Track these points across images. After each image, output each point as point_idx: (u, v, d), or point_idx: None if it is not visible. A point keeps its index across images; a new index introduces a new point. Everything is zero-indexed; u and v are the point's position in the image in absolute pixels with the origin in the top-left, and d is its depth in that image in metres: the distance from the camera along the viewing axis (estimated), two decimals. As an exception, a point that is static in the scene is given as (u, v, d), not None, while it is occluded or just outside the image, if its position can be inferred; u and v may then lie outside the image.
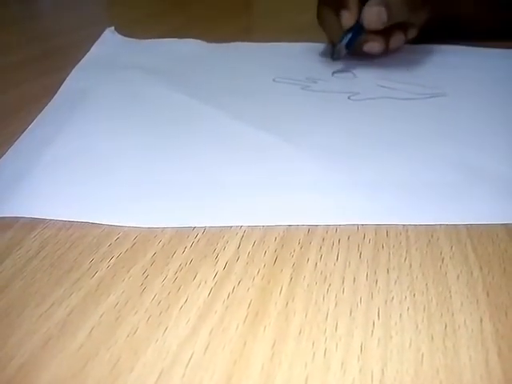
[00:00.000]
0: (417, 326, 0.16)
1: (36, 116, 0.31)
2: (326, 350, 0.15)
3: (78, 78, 0.37)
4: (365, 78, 0.38)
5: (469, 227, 0.21)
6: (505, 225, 0.21)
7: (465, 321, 0.16)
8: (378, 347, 0.15)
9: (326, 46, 0.44)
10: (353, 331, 0.16)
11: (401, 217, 0.21)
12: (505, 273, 0.18)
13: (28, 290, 0.17)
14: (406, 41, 0.41)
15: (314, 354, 0.15)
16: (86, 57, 0.42)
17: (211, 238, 0.20)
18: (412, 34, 0.41)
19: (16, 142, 0.27)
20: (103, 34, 0.48)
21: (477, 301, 0.17)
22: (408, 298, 0.17)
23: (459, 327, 0.16)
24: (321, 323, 0.16)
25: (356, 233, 0.20)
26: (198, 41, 0.47)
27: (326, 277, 0.18)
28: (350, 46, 0.39)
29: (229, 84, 0.37)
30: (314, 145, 0.27)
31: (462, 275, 0.18)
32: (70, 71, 0.38)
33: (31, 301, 0.17)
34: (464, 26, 0.44)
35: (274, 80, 0.37)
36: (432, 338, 0.15)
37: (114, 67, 0.40)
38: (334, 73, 0.39)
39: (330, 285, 0.18)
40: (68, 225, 0.21)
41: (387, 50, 0.39)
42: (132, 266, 0.18)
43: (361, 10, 0.37)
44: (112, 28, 0.49)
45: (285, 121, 0.30)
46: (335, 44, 0.40)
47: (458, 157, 0.26)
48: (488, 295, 0.17)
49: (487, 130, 0.29)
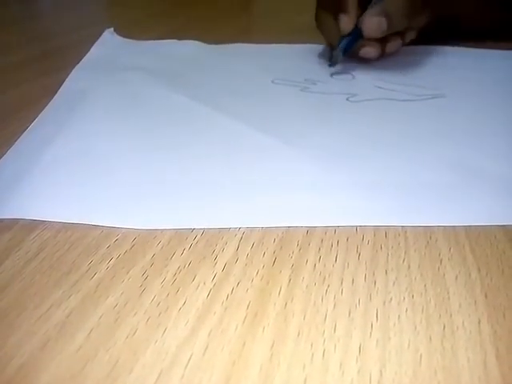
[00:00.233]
0: (415, 327, 0.16)
1: (35, 116, 0.31)
2: (324, 350, 0.15)
3: (77, 79, 0.37)
4: (364, 79, 0.38)
5: (467, 228, 0.21)
6: (503, 226, 0.21)
7: (463, 322, 0.16)
8: (377, 348, 0.15)
9: (324, 48, 0.44)
10: (351, 332, 0.16)
11: (399, 218, 0.21)
12: (503, 274, 0.18)
13: (27, 292, 0.17)
14: (403, 44, 0.41)
15: (312, 355, 0.15)
16: (85, 57, 0.42)
17: (210, 240, 0.20)
18: (410, 37, 0.41)
19: (16, 143, 0.27)
20: (102, 35, 0.48)
21: (475, 302, 0.17)
22: (406, 299, 0.17)
23: (457, 328, 0.16)
24: (319, 324, 0.16)
25: (355, 234, 0.20)
26: (197, 42, 0.47)
27: (324, 278, 0.18)
28: (347, 51, 0.39)
29: (228, 85, 0.37)
30: (312, 146, 0.27)
31: (461, 276, 0.18)
32: (70, 72, 0.38)
33: (30, 302, 0.17)
34: (463, 26, 0.44)
35: (272, 82, 0.37)
36: (430, 339, 0.15)
37: (113, 68, 0.40)
38: (332, 74, 0.39)
39: (328, 286, 0.18)
40: (67, 226, 0.21)
41: (383, 54, 0.39)
42: (131, 268, 0.18)
43: (359, 15, 0.37)
44: (111, 29, 0.49)
45: (284, 122, 0.30)
46: (333, 48, 0.40)
47: (457, 158, 0.26)
48: (486, 296, 0.17)
49: (486, 131, 0.29)
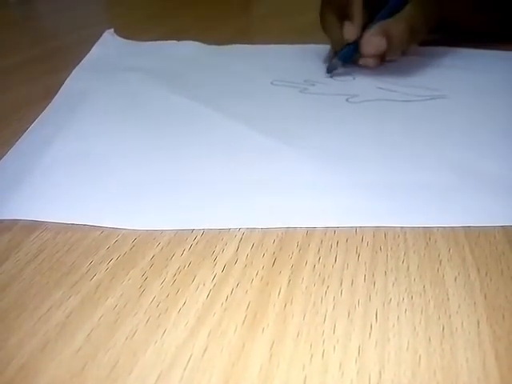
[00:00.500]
0: (414, 328, 0.16)
1: (36, 117, 0.31)
2: (323, 351, 0.15)
3: (77, 80, 0.37)
4: (363, 80, 0.38)
5: (466, 229, 0.21)
6: (502, 227, 0.21)
7: (462, 323, 0.16)
8: (376, 349, 0.15)
9: (324, 49, 0.44)
10: (351, 333, 0.16)
11: (399, 218, 0.21)
12: (502, 275, 0.18)
13: (27, 293, 0.17)
14: (403, 55, 0.42)
15: (311, 356, 0.15)
16: (85, 58, 0.42)
17: (210, 241, 0.20)
18: (410, 49, 0.42)
19: (16, 144, 0.27)
20: (102, 35, 0.48)
21: (474, 303, 0.17)
22: (406, 300, 0.17)
23: (456, 329, 0.16)
24: (319, 325, 0.16)
25: (354, 235, 0.20)
26: (197, 43, 0.47)
27: (324, 279, 0.18)
28: (347, 60, 0.39)
29: (227, 86, 0.37)
30: (312, 147, 0.27)
31: (460, 277, 0.18)
32: (70, 72, 0.38)
33: (30, 303, 0.17)
34: (459, 28, 0.44)
35: (272, 83, 0.37)
36: (429, 340, 0.15)
37: (113, 69, 0.40)
38: (332, 75, 0.39)
39: (328, 287, 0.18)
40: (67, 227, 0.21)
41: (383, 62, 0.40)
42: (131, 269, 0.18)
43: (365, 24, 0.37)
44: (111, 30, 0.49)
45: (283, 123, 0.30)
46: (334, 53, 0.40)
47: (457, 159, 0.26)
48: (485, 297, 0.17)
49: (486, 132, 0.29)
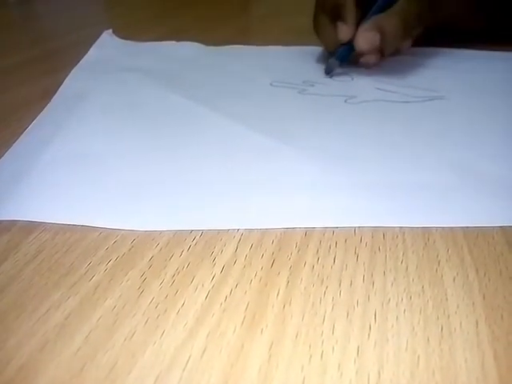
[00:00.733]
0: (413, 328, 0.16)
1: (34, 117, 0.31)
2: (322, 352, 0.15)
3: (76, 80, 0.37)
4: (362, 81, 0.38)
5: (465, 230, 0.21)
6: (501, 227, 0.21)
7: (461, 323, 0.16)
8: (375, 349, 0.15)
9: (318, 52, 0.44)
10: (349, 334, 0.16)
11: (398, 219, 0.21)
12: (501, 275, 0.18)
13: (25, 294, 0.17)
14: (398, 53, 0.42)
15: (310, 357, 0.15)
16: (84, 59, 0.42)
17: (209, 241, 0.20)
18: (405, 45, 0.42)
19: (14, 144, 0.27)
20: (101, 36, 0.48)
21: (473, 303, 0.17)
22: (404, 300, 0.17)
23: (455, 330, 0.16)
24: (318, 326, 0.16)
25: (353, 236, 0.21)
26: (196, 43, 0.47)
27: (322, 279, 0.18)
28: (344, 60, 0.39)
29: (226, 87, 0.37)
30: (311, 147, 0.27)
31: (458, 278, 0.18)
32: (69, 73, 0.38)
33: (29, 304, 0.17)
34: (458, 28, 0.44)
35: (271, 84, 0.37)
36: (428, 340, 0.15)
37: (111, 69, 0.40)
38: (331, 76, 0.39)
39: (326, 287, 0.18)
40: (65, 228, 0.21)
41: (383, 58, 0.40)
42: (129, 270, 0.18)
43: (359, 23, 0.37)
44: (110, 30, 0.49)
45: (282, 124, 0.30)
46: (330, 55, 0.40)
47: (456, 159, 0.26)
48: (484, 298, 0.17)
49: (485, 133, 0.30)
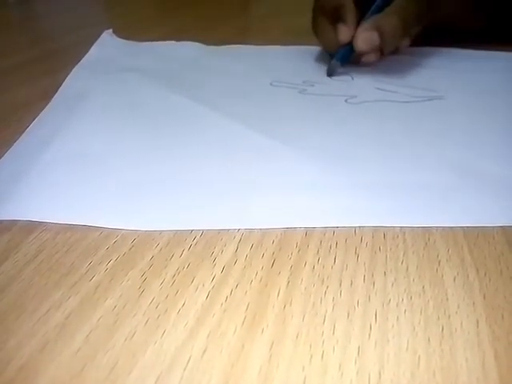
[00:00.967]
0: (414, 329, 0.16)
1: (34, 118, 0.31)
2: (323, 352, 0.15)
3: (76, 80, 0.37)
4: (362, 80, 0.38)
5: (465, 230, 0.21)
6: (501, 227, 0.21)
7: (461, 323, 0.16)
8: (375, 350, 0.15)
9: (318, 52, 0.44)
10: (350, 334, 0.16)
11: (398, 219, 0.21)
12: (501, 275, 0.18)
13: (26, 293, 0.17)
14: (397, 52, 0.42)
15: (311, 357, 0.15)
16: (84, 59, 0.42)
17: (209, 241, 0.20)
18: (404, 44, 0.42)
19: (14, 144, 0.27)
20: (101, 36, 0.48)
21: (473, 303, 0.17)
22: (405, 300, 0.17)
23: (456, 330, 0.16)
24: (318, 326, 0.16)
25: (353, 235, 0.20)
26: (196, 43, 0.47)
27: (323, 280, 0.18)
28: (345, 61, 0.39)
29: (226, 87, 0.37)
30: (311, 147, 0.27)
31: (459, 278, 0.18)
32: (69, 73, 0.38)
33: (29, 304, 0.17)
34: (458, 27, 0.44)
35: (271, 84, 0.37)
36: (429, 340, 0.15)
37: (112, 69, 0.40)
38: (331, 76, 0.39)
39: (327, 287, 0.18)
40: (66, 228, 0.21)
41: (383, 57, 0.40)
42: (130, 269, 0.18)
43: (358, 24, 0.37)
44: (110, 30, 0.49)
45: (282, 123, 0.30)
46: (331, 56, 0.40)
47: (456, 159, 0.26)
48: (484, 298, 0.17)
49: (485, 132, 0.30)
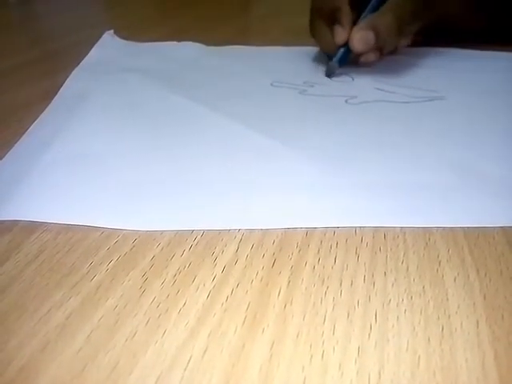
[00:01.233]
0: (414, 329, 0.16)
1: (35, 118, 0.31)
2: (323, 352, 0.15)
3: (77, 81, 0.37)
4: (362, 81, 0.38)
5: (466, 230, 0.21)
6: (502, 228, 0.21)
7: (461, 323, 0.16)
8: (375, 349, 0.15)
9: (318, 53, 0.44)
10: (350, 334, 0.16)
11: (398, 219, 0.21)
12: (501, 275, 0.18)
13: (27, 294, 0.17)
14: (397, 51, 0.42)
15: (311, 357, 0.15)
16: (84, 60, 0.42)
17: (210, 241, 0.20)
18: (404, 43, 0.42)
19: (15, 145, 0.27)
20: (102, 37, 0.48)
21: (473, 303, 0.17)
22: (405, 300, 0.17)
23: (456, 330, 0.16)
24: (318, 326, 0.16)
25: (354, 236, 0.21)
26: (197, 44, 0.47)
27: (323, 280, 0.18)
28: (343, 61, 0.39)
29: (227, 87, 0.37)
30: (311, 147, 0.27)
31: (459, 278, 0.18)
32: (70, 74, 0.38)
33: (30, 304, 0.17)
34: (458, 27, 0.44)
35: (271, 84, 0.37)
36: (429, 340, 0.15)
37: (112, 70, 0.40)
38: (331, 77, 0.39)
39: (327, 287, 0.18)
40: (67, 228, 0.21)
41: (382, 56, 0.40)
42: (131, 270, 0.19)
43: (354, 25, 0.37)
44: (111, 31, 0.49)
45: (283, 124, 0.30)
46: (329, 58, 0.40)
47: (456, 159, 0.26)
48: (485, 298, 0.17)
49: (485, 133, 0.30)
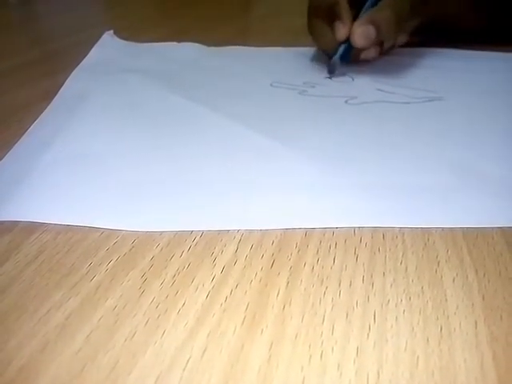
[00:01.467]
0: (412, 329, 0.16)
1: (35, 119, 0.31)
2: (322, 352, 0.15)
3: (77, 81, 0.37)
4: (362, 82, 0.38)
5: (464, 230, 0.21)
6: (500, 228, 0.21)
7: (460, 324, 0.16)
8: (374, 350, 0.15)
9: (318, 53, 0.44)
10: (349, 334, 0.16)
11: (397, 219, 0.21)
12: (500, 276, 0.18)
13: (27, 294, 0.17)
14: (396, 47, 0.42)
15: (310, 357, 0.15)
16: (84, 60, 0.42)
17: (209, 242, 0.20)
18: (402, 40, 0.42)
19: (15, 145, 0.27)
20: (102, 37, 0.48)
21: (472, 304, 0.17)
22: (404, 301, 0.17)
23: (454, 330, 0.16)
24: (317, 326, 0.16)
25: (353, 236, 0.21)
26: (197, 44, 0.47)
27: (322, 280, 0.18)
28: (345, 58, 0.39)
29: (227, 88, 0.37)
30: (311, 148, 0.27)
31: (458, 278, 0.18)
32: (69, 74, 0.38)
33: (30, 304, 0.17)
34: (458, 28, 0.44)
35: (271, 85, 0.37)
36: (427, 340, 0.15)
37: (112, 70, 0.40)
38: (331, 77, 0.39)
39: (326, 288, 0.18)
40: (66, 229, 0.21)
41: (382, 53, 0.40)
42: (130, 270, 0.19)
43: (354, 21, 0.37)
44: (111, 31, 0.49)
45: (282, 124, 0.30)
46: (329, 56, 0.40)
47: (455, 160, 0.26)
48: (483, 298, 0.17)
49: (485, 133, 0.30)
